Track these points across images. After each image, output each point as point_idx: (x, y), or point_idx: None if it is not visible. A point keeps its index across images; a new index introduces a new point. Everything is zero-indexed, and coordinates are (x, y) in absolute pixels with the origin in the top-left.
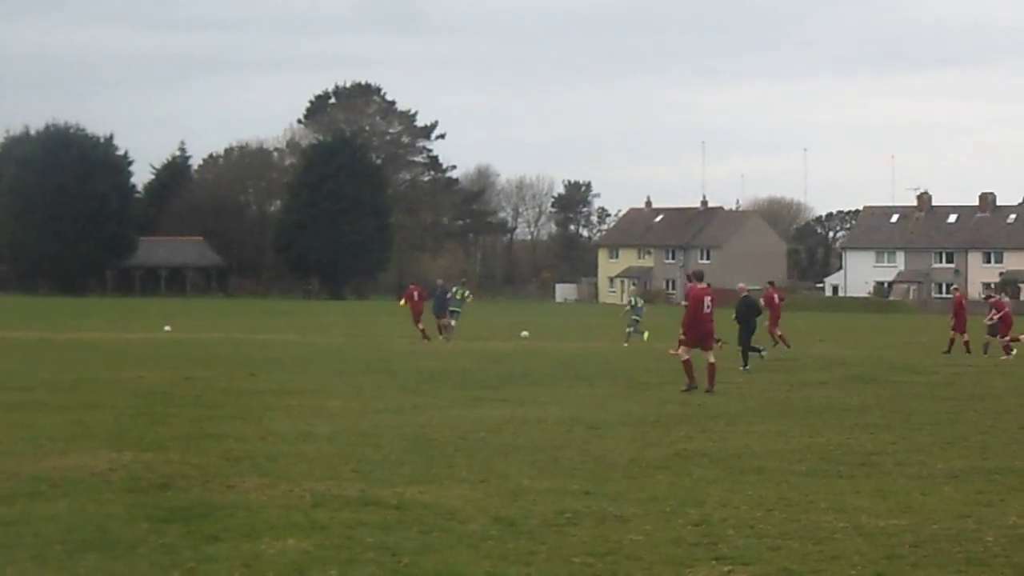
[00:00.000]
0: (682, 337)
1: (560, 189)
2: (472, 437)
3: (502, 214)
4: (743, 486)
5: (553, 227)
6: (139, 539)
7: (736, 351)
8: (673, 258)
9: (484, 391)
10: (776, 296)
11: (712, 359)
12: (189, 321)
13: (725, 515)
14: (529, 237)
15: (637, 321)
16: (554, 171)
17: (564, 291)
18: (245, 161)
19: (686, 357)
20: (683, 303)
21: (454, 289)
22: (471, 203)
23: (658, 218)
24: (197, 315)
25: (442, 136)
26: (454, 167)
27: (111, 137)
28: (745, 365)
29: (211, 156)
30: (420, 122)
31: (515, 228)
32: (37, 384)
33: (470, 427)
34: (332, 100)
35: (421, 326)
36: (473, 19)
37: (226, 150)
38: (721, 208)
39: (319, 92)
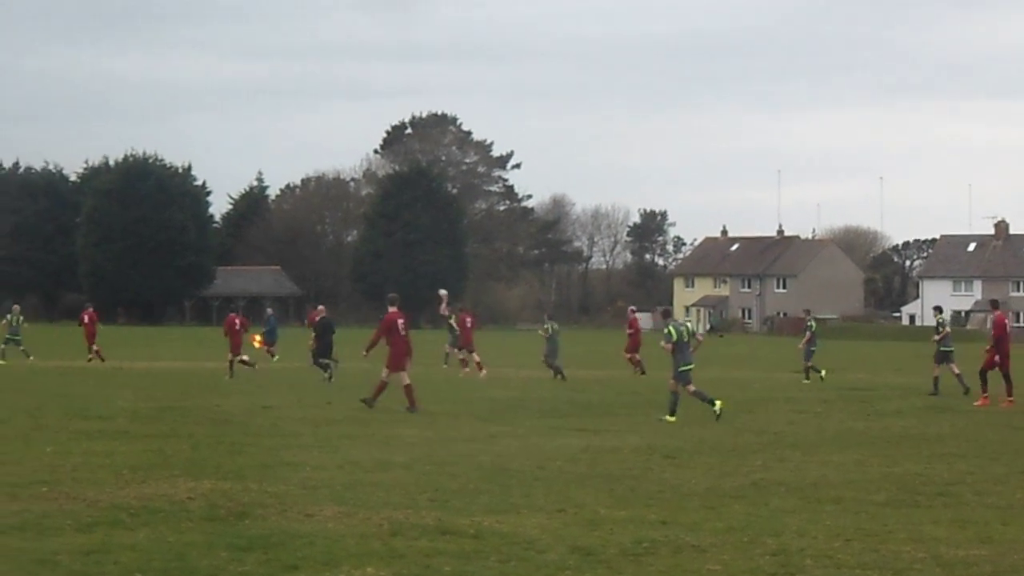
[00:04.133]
0: None
1: (635, 218)
2: (549, 466)
3: (577, 243)
4: (821, 516)
5: (628, 256)
6: (218, 568)
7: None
8: (749, 287)
9: (560, 420)
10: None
11: None
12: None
13: (803, 545)
14: (604, 266)
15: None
16: (629, 200)
17: (640, 320)
18: (322, 191)
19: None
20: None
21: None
22: (546, 232)
23: (734, 247)
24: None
25: (517, 166)
26: (529, 196)
27: (189, 167)
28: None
29: (288, 186)
30: (496, 152)
31: (590, 257)
32: (116, 413)
33: (547, 456)
34: (408, 130)
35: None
36: (548, 47)
37: (303, 180)
38: (797, 237)
39: (396, 122)
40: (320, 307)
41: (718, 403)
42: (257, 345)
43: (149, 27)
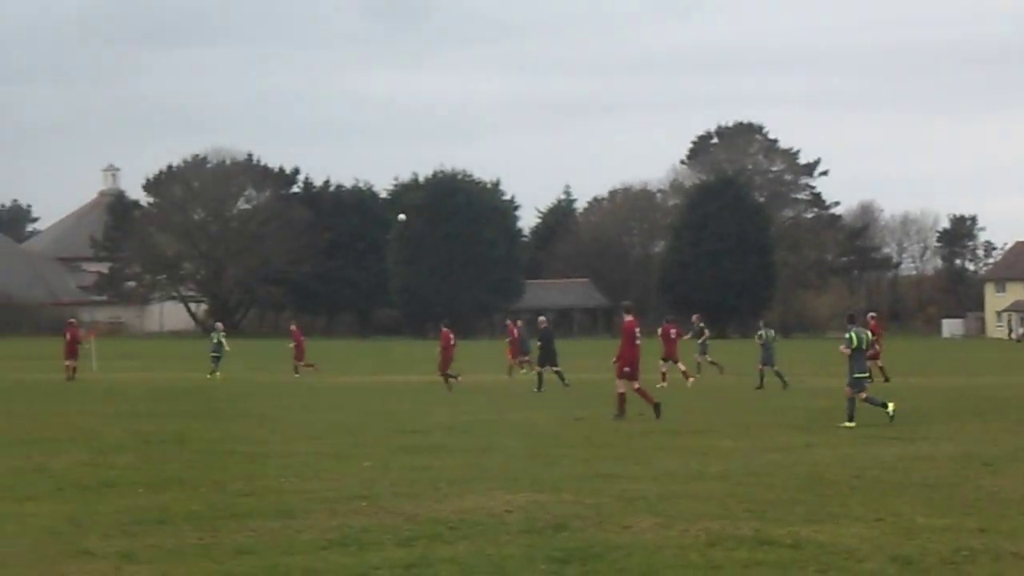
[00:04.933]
0: None
1: (945, 223)
2: (865, 475)
3: (886, 250)
4: None
5: (938, 262)
6: None
7: None
8: None
9: (875, 429)
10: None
11: None
12: (576, 361)
13: None
14: (914, 272)
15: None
16: (938, 205)
17: (950, 326)
18: (629, 202)
19: None
20: None
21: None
22: (855, 239)
23: None
24: (584, 355)
25: (824, 173)
26: (837, 203)
27: (498, 183)
28: None
29: (595, 199)
30: (802, 159)
31: (900, 264)
32: (432, 427)
33: (862, 465)
34: (714, 140)
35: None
36: (853, 54)
37: (610, 192)
38: None
39: (701, 132)
40: (541, 318)
41: (891, 405)
42: (510, 357)
43: (457, 47)
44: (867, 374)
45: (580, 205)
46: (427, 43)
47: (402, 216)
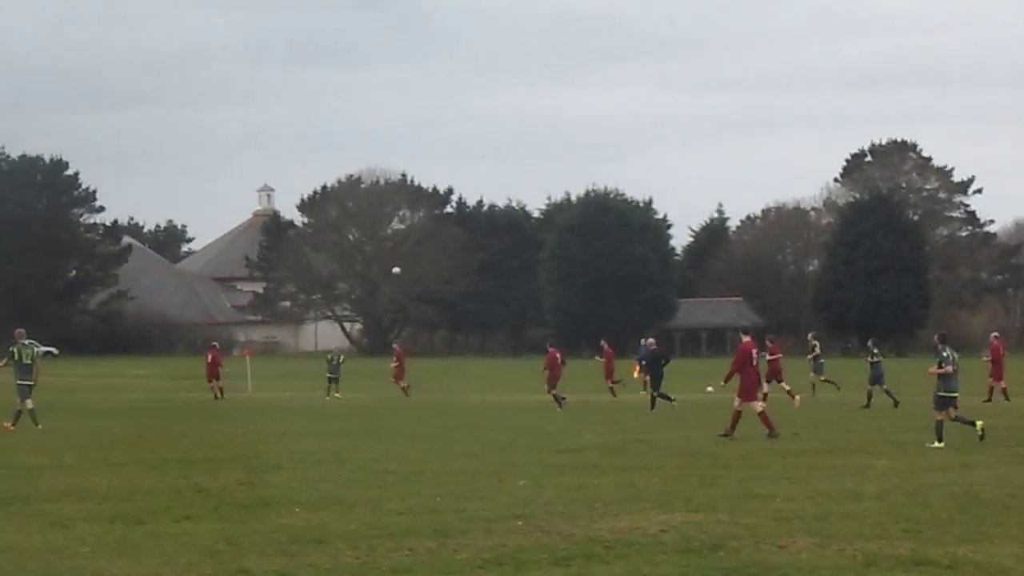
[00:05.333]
0: None
1: None
2: (1021, 495)
3: None
4: None
5: None
6: None
7: None
8: None
9: None
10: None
11: None
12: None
13: None
14: None
15: None
16: None
17: None
18: (782, 221)
19: None
20: None
21: None
22: (1009, 257)
23: None
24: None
25: (979, 191)
26: (991, 221)
27: (650, 201)
28: None
29: (748, 217)
30: (957, 177)
31: None
32: (586, 446)
33: (1020, 484)
34: (868, 158)
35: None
36: (1002, 72)
37: (763, 211)
38: None
39: (855, 150)
40: (650, 340)
41: (979, 423)
42: (636, 375)
43: (611, 65)
44: (956, 394)
45: (733, 223)
46: (581, 61)
47: (396, 269)
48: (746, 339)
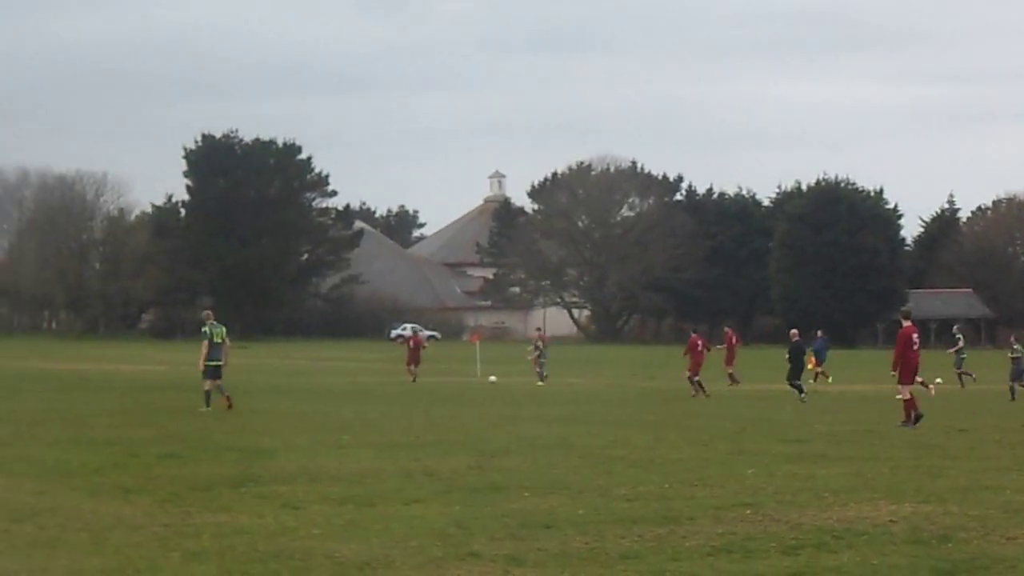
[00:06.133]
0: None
1: None
2: None
3: None
4: None
5: None
6: None
7: None
8: None
9: None
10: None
11: None
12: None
13: None
14: None
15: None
16: None
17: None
18: (1013, 212)
19: None
20: None
21: None
22: None
23: None
24: (973, 366)
25: None
26: None
27: (881, 191)
28: None
29: (980, 208)
30: None
31: None
32: (815, 436)
33: None
34: None
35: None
36: None
37: (994, 202)
38: None
39: None
40: (793, 331)
41: None
42: (810, 366)
43: (843, 55)
44: None
45: (964, 214)
46: (814, 52)
47: (492, 378)
48: (907, 323)
